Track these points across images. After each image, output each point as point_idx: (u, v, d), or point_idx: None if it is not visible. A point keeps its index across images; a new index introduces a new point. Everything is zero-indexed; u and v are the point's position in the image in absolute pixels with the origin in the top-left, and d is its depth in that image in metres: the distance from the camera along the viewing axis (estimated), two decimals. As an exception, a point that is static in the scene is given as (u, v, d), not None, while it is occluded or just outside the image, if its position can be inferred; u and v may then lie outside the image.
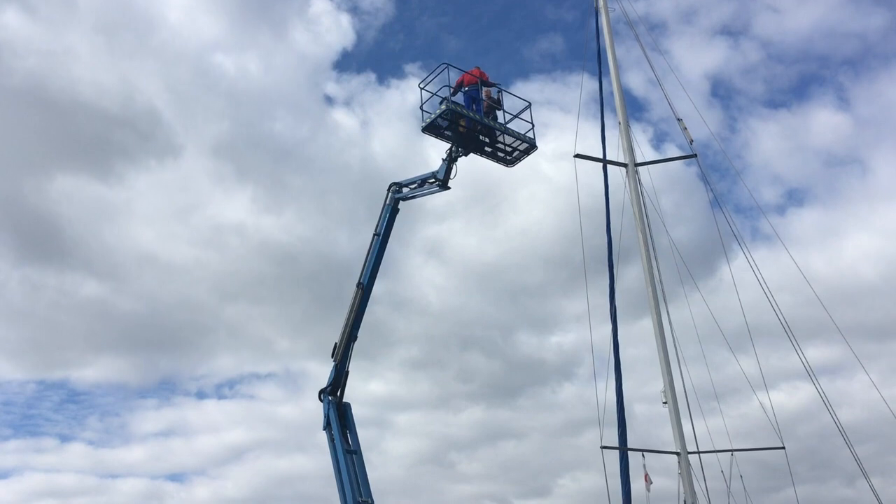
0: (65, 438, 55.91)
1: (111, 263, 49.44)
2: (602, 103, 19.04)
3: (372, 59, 66.29)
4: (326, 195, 52.75)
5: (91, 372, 55.01)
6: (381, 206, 18.93)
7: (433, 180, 18.58)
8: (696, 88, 55.20)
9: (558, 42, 63.74)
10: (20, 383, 55.83)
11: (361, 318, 18.10)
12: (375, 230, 18.68)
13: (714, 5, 61.44)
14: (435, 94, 18.21)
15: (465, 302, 53.02)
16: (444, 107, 17.72)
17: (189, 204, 52.77)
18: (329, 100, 49.94)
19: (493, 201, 50.52)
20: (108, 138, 45.76)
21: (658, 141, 50.40)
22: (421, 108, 18.30)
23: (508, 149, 18.68)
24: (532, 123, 18.43)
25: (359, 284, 18.22)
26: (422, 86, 18.44)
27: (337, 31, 61.53)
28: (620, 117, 18.83)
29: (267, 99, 55.72)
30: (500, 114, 18.51)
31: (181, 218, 52.45)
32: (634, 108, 42.97)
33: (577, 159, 18.49)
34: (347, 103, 63.50)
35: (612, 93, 19.70)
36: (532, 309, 53.63)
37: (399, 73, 66.25)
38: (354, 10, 65.24)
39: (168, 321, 52.12)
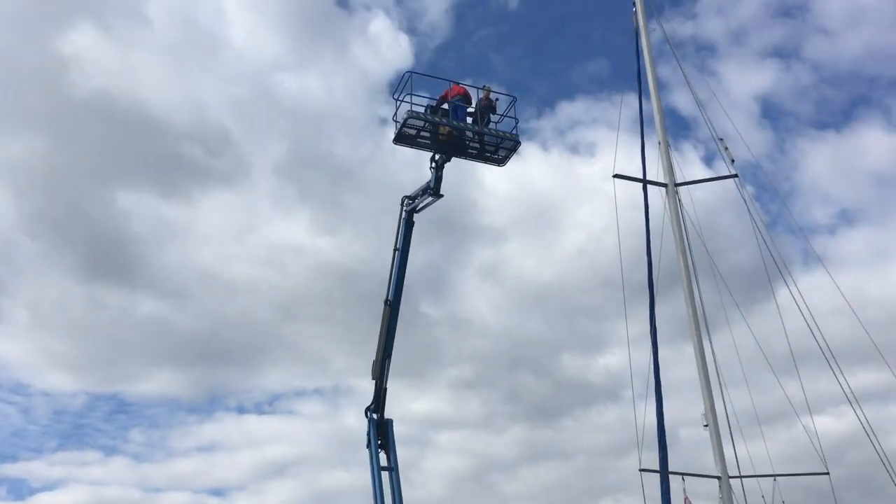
0: (110, 451, 57.48)
1: (174, 281, 51.02)
2: (642, 123, 18.88)
3: (426, 78, 67.08)
4: (383, 216, 53.39)
5: (148, 386, 56.46)
6: (398, 221, 19.01)
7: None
8: (745, 109, 54.82)
9: (605, 65, 63.89)
10: (76, 394, 57.29)
11: (394, 334, 18.23)
12: (395, 245, 18.79)
13: (765, 28, 61.01)
14: (400, 100, 18.12)
15: (521, 322, 53.06)
16: (406, 115, 17.72)
17: (251, 224, 54.20)
18: (383, 121, 51.12)
19: (552, 219, 50.50)
20: (176, 155, 47.19)
21: (709, 160, 49.77)
22: (394, 118, 18.32)
23: (492, 148, 18.73)
24: (516, 119, 18.74)
25: (386, 302, 18.28)
26: (396, 96, 18.38)
27: (397, 50, 62.63)
28: (660, 136, 18.69)
29: (327, 118, 57.06)
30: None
31: (243, 237, 53.88)
32: (683, 126, 42.78)
33: (616, 179, 18.42)
34: (402, 124, 64.13)
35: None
36: (587, 330, 53.29)
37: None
38: (413, 31, 66.45)
39: (227, 339, 53.48)
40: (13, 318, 50.01)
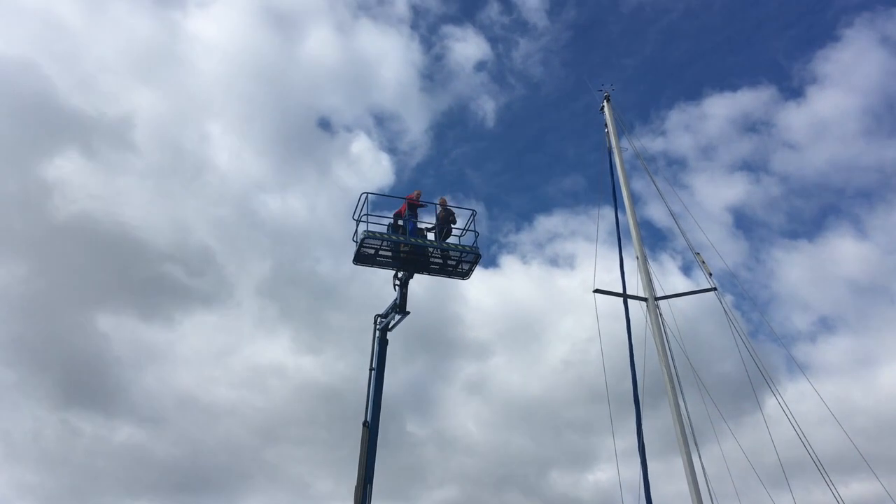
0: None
1: (152, 406, 49.53)
2: (619, 239, 19.20)
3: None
4: (366, 333, 52.68)
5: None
6: (372, 340, 18.78)
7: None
8: (718, 220, 56.25)
9: (580, 181, 65.56)
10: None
11: (374, 457, 17.50)
12: (370, 365, 18.40)
13: (732, 143, 63.47)
14: (358, 220, 18.15)
15: (508, 438, 51.76)
16: (362, 235, 17.75)
17: (232, 344, 53.35)
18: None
19: (536, 332, 50.32)
20: (158, 277, 46.74)
21: (687, 269, 50.38)
22: (353, 239, 18.25)
23: (454, 262, 18.72)
24: (476, 232, 18.76)
25: (365, 424, 17.78)
26: (355, 217, 18.42)
27: (378, 168, 63.88)
28: (637, 252, 18.89)
29: (309, 237, 57.42)
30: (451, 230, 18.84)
31: (224, 359, 52.93)
32: (660, 238, 43.59)
33: (597, 294, 18.46)
34: (382, 241, 64.80)
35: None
36: (575, 444, 52.13)
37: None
38: (393, 150, 68.11)
39: (206, 465, 51.42)
40: (-16, 451, 48.14)
